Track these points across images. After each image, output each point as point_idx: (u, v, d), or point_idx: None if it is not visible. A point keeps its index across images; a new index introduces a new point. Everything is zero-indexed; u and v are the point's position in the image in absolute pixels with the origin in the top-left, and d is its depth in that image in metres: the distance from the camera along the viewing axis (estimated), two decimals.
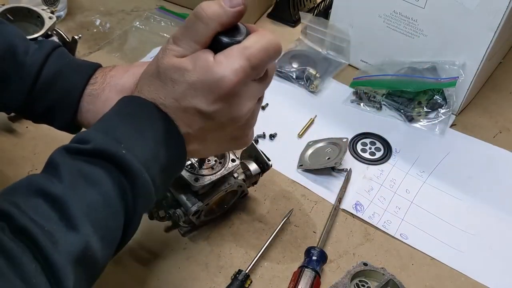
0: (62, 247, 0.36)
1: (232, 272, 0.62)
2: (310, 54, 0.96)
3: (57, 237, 0.36)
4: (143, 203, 0.43)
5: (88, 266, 0.38)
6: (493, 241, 0.68)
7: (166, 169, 0.44)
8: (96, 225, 0.39)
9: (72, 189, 0.39)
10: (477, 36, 0.78)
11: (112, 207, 0.41)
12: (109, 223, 0.40)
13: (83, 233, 0.38)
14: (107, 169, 0.41)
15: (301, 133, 0.82)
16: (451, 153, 0.80)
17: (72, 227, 0.37)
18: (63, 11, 1.02)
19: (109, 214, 0.40)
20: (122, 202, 0.41)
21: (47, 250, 0.35)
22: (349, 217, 0.71)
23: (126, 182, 0.41)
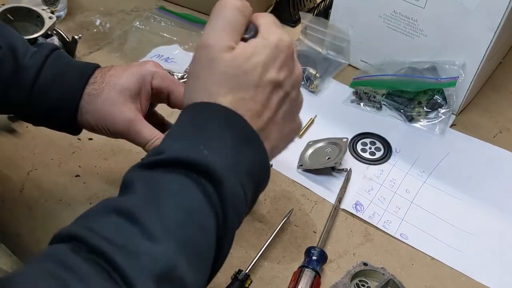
0: (142, 261, 0.32)
1: (232, 272, 0.62)
2: (310, 54, 0.96)
3: (136, 251, 0.32)
4: (234, 212, 0.38)
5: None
6: (493, 241, 0.68)
7: (251, 173, 0.40)
8: (181, 240, 0.34)
9: (148, 201, 0.35)
10: (477, 36, 0.78)
11: (198, 216, 0.36)
12: (196, 237, 0.35)
13: (165, 248, 0.33)
14: (187, 175, 0.37)
15: (301, 133, 0.82)
16: (451, 153, 0.80)
17: (152, 240, 0.33)
18: (63, 11, 1.02)
19: (195, 226, 0.35)
20: (209, 210, 0.36)
21: (122, 266, 0.31)
22: (349, 217, 0.71)
23: (211, 187, 0.37)
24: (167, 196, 0.36)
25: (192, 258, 0.35)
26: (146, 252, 0.32)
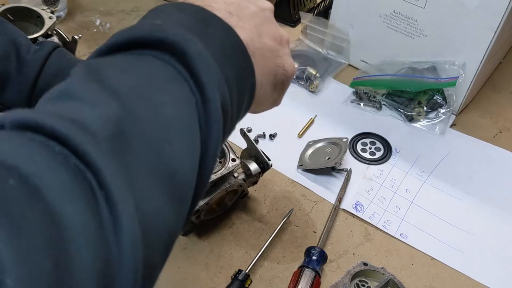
0: (79, 123, 0.25)
1: (232, 272, 0.62)
2: (310, 54, 0.96)
3: (76, 118, 0.25)
4: (212, 86, 0.30)
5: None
6: (493, 241, 0.68)
7: (222, 49, 0.33)
8: (133, 100, 0.28)
9: (88, 77, 0.28)
10: (477, 36, 0.78)
11: (156, 80, 0.29)
12: (157, 98, 0.29)
13: (109, 107, 0.26)
14: (139, 53, 0.30)
15: (301, 133, 0.82)
16: (451, 153, 0.80)
17: (94, 106, 0.26)
18: (63, 11, 1.02)
19: (155, 89, 0.29)
20: (172, 76, 0.30)
21: (64, 133, 0.24)
22: (349, 217, 0.71)
23: (172, 58, 0.30)
24: (111, 67, 0.29)
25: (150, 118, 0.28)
26: (86, 116, 0.26)
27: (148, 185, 0.26)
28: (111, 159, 0.24)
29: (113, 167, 0.24)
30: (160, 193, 0.27)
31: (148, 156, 0.27)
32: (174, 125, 0.29)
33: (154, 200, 0.26)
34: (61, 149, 0.23)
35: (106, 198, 0.23)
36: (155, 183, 0.27)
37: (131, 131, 0.26)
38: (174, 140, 0.28)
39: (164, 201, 0.27)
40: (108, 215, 0.23)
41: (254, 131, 0.82)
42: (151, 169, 0.27)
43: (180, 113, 0.29)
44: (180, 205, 0.29)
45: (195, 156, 0.30)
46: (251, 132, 0.82)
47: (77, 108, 0.26)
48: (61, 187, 0.22)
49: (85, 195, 0.23)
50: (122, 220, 0.23)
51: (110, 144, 0.25)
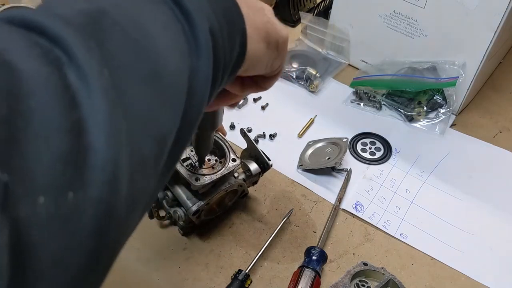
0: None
1: (232, 272, 0.62)
2: (310, 54, 0.96)
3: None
4: (201, 21, 0.30)
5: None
6: (493, 241, 0.68)
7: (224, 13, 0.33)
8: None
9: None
10: (477, 36, 0.78)
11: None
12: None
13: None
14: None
15: (301, 133, 0.82)
16: (451, 153, 0.80)
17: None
18: None
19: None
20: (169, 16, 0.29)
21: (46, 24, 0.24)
22: (349, 217, 0.71)
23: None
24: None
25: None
26: (64, 11, 0.25)
27: (128, 72, 0.25)
28: (83, 38, 0.23)
29: (85, 45, 0.23)
30: (142, 82, 0.25)
31: (127, 48, 0.25)
32: (158, 37, 0.28)
33: (134, 86, 0.25)
34: (26, 33, 0.23)
35: (77, 70, 0.22)
36: (136, 73, 0.25)
37: (106, 24, 0.25)
38: (156, 45, 0.27)
39: (146, 91, 0.26)
40: (77, 81, 0.22)
41: (254, 131, 0.82)
42: (131, 60, 0.25)
43: (165, 31, 0.28)
44: (166, 104, 0.27)
45: (182, 67, 0.29)
46: (251, 132, 0.82)
47: (54, 10, 0.25)
48: (22, 52, 0.22)
49: (50, 62, 0.22)
50: (94, 87, 0.22)
51: (84, 28, 0.24)
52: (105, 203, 0.22)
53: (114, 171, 0.22)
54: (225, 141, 0.65)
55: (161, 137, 0.27)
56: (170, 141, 0.28)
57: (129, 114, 0.24)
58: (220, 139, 0.65)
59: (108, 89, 0.23)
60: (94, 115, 0.22)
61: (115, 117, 0.23)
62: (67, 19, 0.24)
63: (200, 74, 0.30)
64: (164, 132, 0.27)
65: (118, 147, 0.22)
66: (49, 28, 0.23)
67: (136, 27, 0.27)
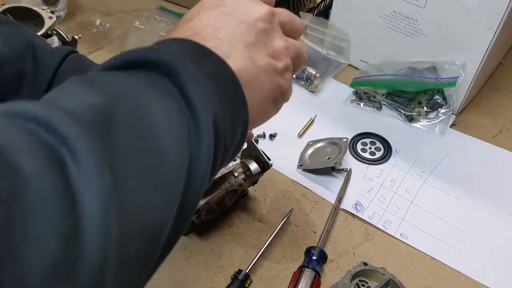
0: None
1: (232, 272, 0.62)
2: (310, 54, 0.96)
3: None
4: (203, 104, 0.30)
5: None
6: (493, 241, 0.68)
7: (214, 78, 0.33)
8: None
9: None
10: (477, 36, 0.78)
11: (143, 96, 0.29)
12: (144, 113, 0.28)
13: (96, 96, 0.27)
14: (129, 73, 0.31)
15: (301, 133, 0.82)
16: (451, 153, 0.80)
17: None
18: (63, 11, 1.02)
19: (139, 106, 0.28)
20: (160, 96, 0.30)
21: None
22: (349, 217, 0.71)
23: (164, 78, 0.31)
24: (103, 76, 0.30)
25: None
26: (71, 105, 0.26)
27: (130, 169, 0.26)
28: (88, 136, 0.24)
29: (91, 144, 0.24)
30: (142, 181, 0.26)
31: (130, 144, 0.26)
32: (162, 131, 0.28)
33: (135, 185, 0.26)
34: (34, 129, 0.23)
35: (80, 171, 0.23)
36: (137, 169, 0.26)
37: (113, 119, 0.26)
38: (159, 139, 0.28)
39: (145, 189, 0.26)
40: (79, 181, 0.22)
41: (254, 131, 0.82)
42: (134, 156, 0.26)
43: (169, 123, 0.29)
44: (163, 199, 0.28)
45: (183, 160, 0.29)
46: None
47: (64, 103, 0.26)
48: (26, 152, 0.22)
49: (54, 162, 0.23)
50: (95, 188, 0.23)
51: (91, 125, 0.25)
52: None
53: (100, 282, 0.23)
54: None
55: (155, 235, 0.28)
56: (165, 233, 0.29)
57: (125, 218, 0.25)
58: None
59: (108, 195, 0.23)
60: (91, 222, 0.22)
61: (111, 224, 0.23)
62: (76, 114, 0.25)
63: (200, 166, 0.31)
64: (157, 228, 0.28)
65: (108, 257, 0.23)
66: (57, 126, 0.23)
67: (142, 122, 0.28)
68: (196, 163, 0.30)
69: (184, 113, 0.30)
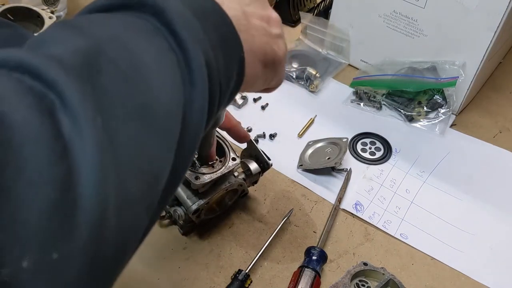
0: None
1: (232, 272, 0.62)
2: (310, 54, 0.96)
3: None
4: (192, 43, 0.30)
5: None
6: (493, 241, 0.68)
7: (202, 13, 0.32)
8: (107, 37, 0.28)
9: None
10: (477, 36, 0.78)
11: (131, 30, 0.29)
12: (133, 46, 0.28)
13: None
14: (120, 13, 0.30)
15: (301, 133, 0.82)
16: (451, 153, 0.80)
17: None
18: (63, 11, 1.02)
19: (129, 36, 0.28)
20: (148, 30, 0.29)
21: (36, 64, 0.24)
22: (349, 217, 0.71)
23: (150, 17, 0.30)
24: (87, 20, 0.29)
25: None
26: (56, 50, 0.25)
27: (121, 113, 0.25)
28: (77, 81, 0.24)
29: (79, 89, 0.23)
30: (135, 123, 0.26)
31: (120, 87, 0.26)
32: (152, 72, 0.28)
33: (127, 128, 0.25)
34: (20, 77, 0.23)
35: (70, 116, 0.22)
36: (129, 112, 0.26)
37: (101, 63, 0.26)
38: (149, 80, 0.27)
39: (139, 131, 0.26)
40: (69, 127, 0.22)
41: (254, 131, 0.82)
42: (124, 99, 0.26)
43: (159, 63, 0.28)
44: (159, 141, 0.27)
45: (176, 101, 0.29)
46: (251, 132, 0.82)
47: (49, 49, 0.26)
48: (14, 100, 0.22)
49: (43, 109, 0.22)
50: (86, 134, 0.22)
51: (79, 70, 0.24)
52: (93, 252, 0.22)
53: (102, 223, 0.23)
54: (225, 140, 0.65)
55: (153, 176, 0.27)
56: (164, 177, 0.28)
57: (120, 160, 0.24)
58: (220, 138, 0.65)
59: (100, 137, 0.23)
60: (85, 165, 0.22)
61: (105, 166, 0.23)
62: (63, 60, 0.24)
63: (195, 105, 0.30)
64: (155, 171, 0.27)
65: (107, 198, 0.23)
66: (44, 72, 0.23)
67: (131, 64, 0.27)
68: (191, 106, 0.30)
69: (174, 52, 0.30)
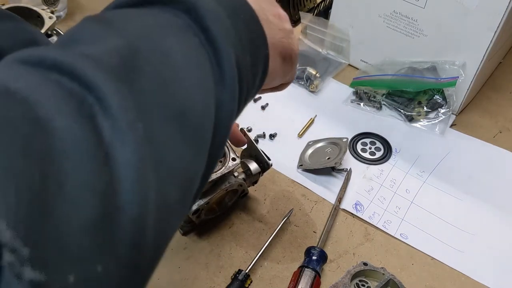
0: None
1: (232, 272, 0.62)
2: (310, 54, 0.96)
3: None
4: (224, 39, 0.30)
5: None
6: (493, 241, 0.68)
7: (234, 11, 0.33)
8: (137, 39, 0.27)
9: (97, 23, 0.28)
10: (477, 36, 0.78)
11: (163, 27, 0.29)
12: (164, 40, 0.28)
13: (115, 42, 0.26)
14: (161, 9, 0.30)
15: (301, 133, 0.82)
16: (451, 153, 0.80)
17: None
18: (63, 11, 1.02)
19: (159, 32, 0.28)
20: (181, 26, 0.29)
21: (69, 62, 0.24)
22: (349, 217, 0.71)
23: (182, 13, 0.30)
24: (119, 16, 0.29)
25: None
26: (92, 51, 0.25)
27: (160, 117, 0.25)
28: (116, 83, 0.23)
29: (119, 92, 0.23)
30: (173, 127, 0.25)
31: (158, 89, 0.25)
32: (184, 69, 0.28)
33: (166, 132, 0.25)
34: (59, 79, 0.23)
35: (111, 123, 0.22)
36: (167, 116, 0.25)
37: (138, 64, 0.25)
38: (185, 82, 0.27)
39: (177, 136, 0.26)
40: (111, 134, 0.22)
41: (254, 131, 0.82)
42: (162, 102, 0.25)
43: (191, 61, 0.28)
44: (195, 146, 0.27)
45: (209, 103, 0.28)
46: (251, 132, 0.82)
47: (84, 48, 0.25)
48: (55, 105, 0.21)
49: (83, 114, 0.22)
50: (128, 141, 0.22)
51: (117, 71, 0.24)
52: (133, 260, 0.22)
53: (142, 232, 0.22)
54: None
55: (189, 183, 0.27)
56: (197, 182, 0.28)
57: (160, 167, 0.24)
58: None
59: (141, 143, 0.23)
60: (126, 173, 0.22)
61: (147, 173, 0.23)
62: (99, 60, 0.24)
63: (225, 107, 0.30)
64: (191, 177, 0.27)
65: (147, 205, 0.23)
66: (81, 73, 0.23)
67: (165, 64, 0.27)
68: (221, 107, 0.29)
69: (206, 49, 0.29)
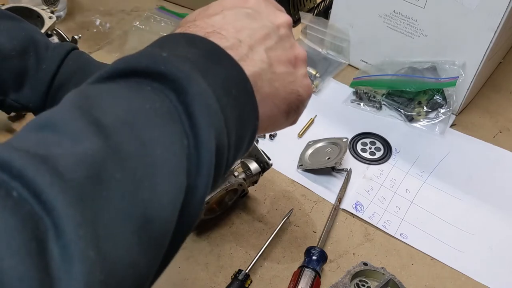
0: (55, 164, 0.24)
1: (232, 272, 0.62)
2: (310, 54, 0.96)
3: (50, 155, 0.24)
4: (207, 127, 0.29)
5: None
6: (493, 241, 0.68)
7: (226, 89, 0.32)
8: (117, 138, 0.26)
9: (77, 105, 0.28)
10: (477, 36, 0.78)
11: (147, 114, 0.28)
12: (148, 137, 0.28)
13: (91, 144, 0.25)
14: (138, 82, 0.30)
15: (301, 133, 0.82)
16: (451, 153, 0.80)
17: (76, 141, 0.25)
18: (63, 11, 1.02)
19: (143, 123, 0.28)
20: (165, 110, 0.29)
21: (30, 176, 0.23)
22: (349, 217, 0.71)
23: (171, 93, 0.30)
24: (104, 97, 0.29)
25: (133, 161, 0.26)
26: (61, 154, 0.24)
27: (119, 233, 0.25)
28: (74, 206, 0.23)
29: (75, 217, 0.23)
30: (131, 240, 0.25)
31: (124, 201, 0.25)
32: (160, 166, 0.27)
33: (123, 250, 0.25)
34: (21, 193, 0.22)
35: (62, 254, 0.22)
36: (128, 231, 0.25)
37: (109, 172, 0.25)
38: (157, 184, 0.27)
39: (134, 248, 0.25)
40: (59, 265, 0.22)
41: None
42: (125, 215, 0.25)
43: (169, 154, 0.28)
44: (152, 252, 0.27)
45: (177, 202, 0.28)
46: None
47: (56, 143, 0.25)
48: (5, 241, 0.21)
49: (33, 246, 0.21)
50: (76, 273, 0.22)
51: (80, 187, 0.24)
52: None
53: None
54: None
55: (140, 281, 0.27)
56: (149, 280, 0.28)
57: (110, 278, 0.24)
58: None
59: (90, 274, 0.22)
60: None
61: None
62: (65, 175, 0.23)
63: (197, 194, 0.30)
64: (144, 282, 0.27)
65: None
66: (44, 194, 0.22)
67: (142, 160, 0.27)
68: (193, 192, 0.29)
69: (187, 137, 0.29)
